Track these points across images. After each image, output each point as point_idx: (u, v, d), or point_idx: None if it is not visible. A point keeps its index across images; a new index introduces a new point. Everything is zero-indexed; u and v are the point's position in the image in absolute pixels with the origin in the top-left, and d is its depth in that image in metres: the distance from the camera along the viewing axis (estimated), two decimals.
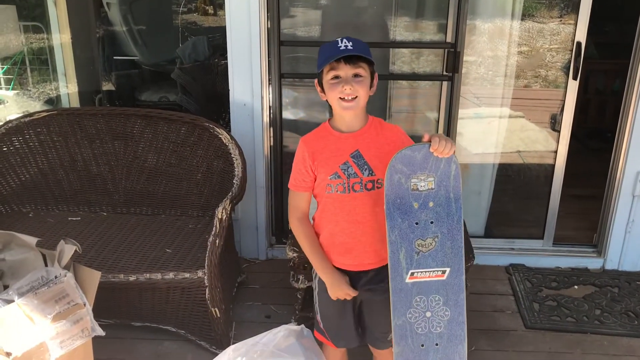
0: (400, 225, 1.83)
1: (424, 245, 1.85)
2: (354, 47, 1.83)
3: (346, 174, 1.92)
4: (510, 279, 3.27)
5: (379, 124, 1.98)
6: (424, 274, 1.86)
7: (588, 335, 2.85)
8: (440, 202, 1.83)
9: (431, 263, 1.85)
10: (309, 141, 1.98)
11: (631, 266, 3.32)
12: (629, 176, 3.15)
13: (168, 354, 2.69)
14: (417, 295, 1.87)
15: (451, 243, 1.85)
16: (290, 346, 2.12)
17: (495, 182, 3.48)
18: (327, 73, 1.87)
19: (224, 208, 2.59)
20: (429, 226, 1.84)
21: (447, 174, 1.81)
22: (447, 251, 1.85)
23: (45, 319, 1.83)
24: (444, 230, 1.84)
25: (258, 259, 3.45)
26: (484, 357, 2.71)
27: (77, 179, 3.13)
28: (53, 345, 1.84)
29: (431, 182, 1.82)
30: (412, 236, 1.84)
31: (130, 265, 2.61)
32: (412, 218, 1.83)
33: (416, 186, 1.82)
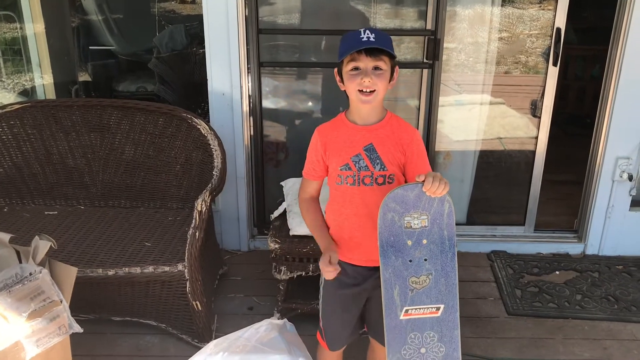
0: (394, 263, 1.83)
1: (418, 282, 1.85)
2: (377, 39, 1.79)
3: (357, 166, 1.89)
4: (492, 266, 3.28)
5: (396, 122, 1.93)
6: (418, 310, 1.86)
7: (569, 320, 2.87)
8: (434, 240, 1.82)
9: (425, 300, 1.85)
10: (323, 130, 1.96)
11: (611, 251, 3.35)
12: (608, 161, 3.17)
13: (149, 348, 2.66)
14: (412, 332, 1.87)
15: (445, 280, 1.84)
16: (272, 340, 2.09)
17: (477, 169, 3.48)
18: (347, 64, 1.83)
19: (204, 200, 2.55)
20: (423, 263, 1.83)
21: (441, 212, 1.80)
22: (442, 288, 1.85)
23: (20, 317, 1.79)
24: (437, 267, 1.83)
25: (240, 250, 3.42)
26: (467, 344, 2.71)
27: (53, 172, 3.07)
28: (29, 344, 1.80)
29: (424, 220, 1.81)
30: (405, 274, 1.83)
31: (109, 260, 2.57)
32: (405, 255, 1.82)
33: (410, 224, 1.81)
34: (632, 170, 3.15)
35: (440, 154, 3.41)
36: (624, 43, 2.97)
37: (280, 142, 3.48)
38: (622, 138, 3.13)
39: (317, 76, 3.47)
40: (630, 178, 3.16)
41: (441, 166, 3.43)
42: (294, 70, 3.50)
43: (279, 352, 2.03)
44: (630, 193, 3.23)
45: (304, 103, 3.50)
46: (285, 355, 2.02)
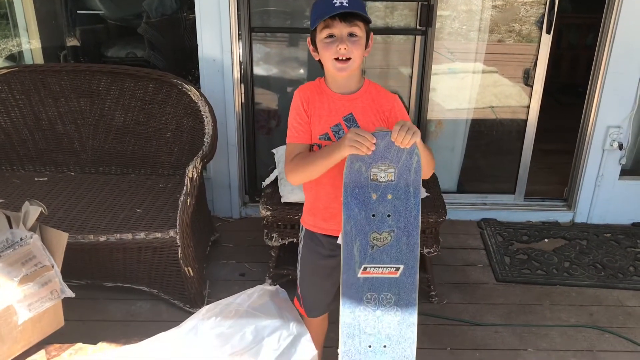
0: (357, 215, 1.77)
1: (379, 239, 1.79)
2: (350, 4, 1.72)
3: (336, 136, 1.84)
4: (482, 234, 3.31)
5: (375, 90, 1.89)
6: (377, 269, 1.81)
7: (557, 287, 2.91)
8: (399, 196, 1.76)
9: (385, 258, 1.79)
10: (304, 91, 1.89)
11: (600, 219, 3.38)
12: (599, 131, 3.18)
13: (141, 314, 2.68)
14: (368, 291, 1.82)
15: (407, 239, 1.79)
16: (264, 305, 2.11)
17: (468, 138, 3.49)
18: (321, 31, 1.77)
19: (195, 167, 2.54)
20: (386, 219, 1.77)
21: (409, 166, 1.74)
22: (402, 247, 1.79)
23: (12, 281, 1.79)
24: (400, 225, 1.77)
25: (232, 217, 3.42)
26: (457, 309, 2.76)
27: (42, 138, 3.04)
28: (21, 308, 1.81)
29: (391, 173, 1.75)
30: (367, 228, 1.77)
31: (100, 226, 2.57)
32: (369, 209, 1.76)
33: (376, 176, 1.75)
34: (622, 139, 3.17)
35: (432, 122, 3.40)
36: (617, 12, 2.95)
37: (271, 109, 3.46)
38: (613, 107, 3.14)
39: None
40: (621, 147, 3.17)
41: (433, 134, 3.43)
42: (285, 36, 3.45)
43: (270, 317, 2.06)
44: (620, 162, 3.25)
45: (296, 70, 3.47)
46: (276, 320, 2.05)
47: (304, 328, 2.05)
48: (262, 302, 2.13)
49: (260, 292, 2.17)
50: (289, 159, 1.86)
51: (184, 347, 1.92)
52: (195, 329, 1.98)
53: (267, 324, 2.01)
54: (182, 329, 2.00)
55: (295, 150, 1.86)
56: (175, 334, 1.98)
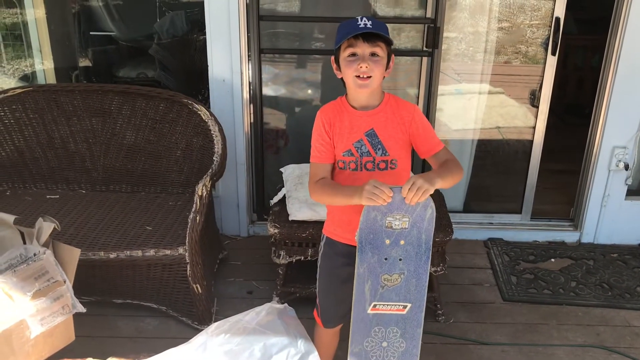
0: (369, 259, 1.86)
1: (390, 280, 1.88)
2: (373, 26, 1.82)
3: (359, 152, 1.92)
4: (489, 253, 3.32)
5: (394, 102, 1.95)
6: (386, 307, 1.90)
7: (563, 306, 2.92)
8: (412, 242, 1.85)
9: (394, 297, 1.88)
10: (326, 112, 1.96)
11: (606, 239, 3.39)
12: (605, 151, 3.20)
13: (150, 330, 2.70)
14: (376, 325, 1.92)
15: (416, 281, 1.88)
16: (272, 323, 2.13)
17: (475, 158, 3.51)
18: (345, 50, 1.85)
19: (204, 185, 2.58)
20: (397, 263, 1.86)
21: (422, 217, 1.83)
22: (411, 288, 1.88)
23: (25, 296, 1.82)
24: (410, 268, 1.86)
25: (239, 235, 3.45)
26: (463, 329, 2.76)
27: (54, 156, 3.09)
28: (33, 323, 1.84)
29: (406, 222, 1.83)
30: (379, 270, 1.86)
31: (111, 243, 2.60)
32: (382, 253, 1.85)
33: (391, 224, 1.83)
34: (628, 159, 3.19)
35: None
36: (622, 33, 2.99)
37: (280, 129, 3.50)
38: (619, 127, 3.16)
39: (317, 64, 3.49)
40: (627, 167, 3.19)
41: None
42: (294, 57, 3.51)
43: (278, 334, 2.07)
44: (626, 182, 3.26)
45: (304, 90, 3.52)
46: (284, 338, 2.06)
47: (312, 346, 2.07)
48: (270, 320, 2.15)
49: (269, 310, 2.19)
50: (313, 179, 1.96)
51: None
52: (204, 346, 1.99)
53: (275, 341, 2.03)
54: (191, 345, 2.02)
55: (319, 170, 1.95)
56: (184, 350, 2.00)
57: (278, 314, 2.17)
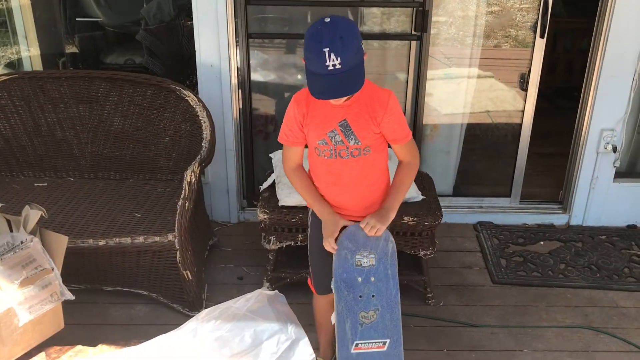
0: (346, 297, 2.03)
1: (367, 317, 2.04)
2: (343, 63, 1.73)
3: (333, 141, 1.95)
4: (478, 236, 3.33)
5: (369, 92, 1.93)
6: (367, 345, 2.05)
7: (552, 288, 2.94)
8: (380, 278, 2.04)
9: (373, 334, 2.04)
10: (300, 101, 1.96)
11: (594, 221, 3.41)
12: (593, 133, 3.21)
13: (141, 317, 2.70)
14: None
15: (390, 315, 2.05)
16: (263, 309, 2.13)
17: (464, 142, 3.51)
18: None
19: (193, 171, 2.57)
20: (371, 299, 2.04)
21: (386, 251, 2.04)
22: (387, 323, 2.05)
23: (12, 284, 1.82)
24: (383, 303, 2.04)
25: (230, 222, 3.45)
26: (453, 311, 2.78)
27: (41, 144, 3.07)
28: (21, 311, 1.84)
29: (372, 258, 2.04)
30: (356, 308, 2.03)
31: (99, 230, 2.59)
32: (356, 291, 2.03)
33: (360, 262, 2.03)
34: (616, 142, 3.20)
35: (427, 126, 3.43)
36: (610, 16, 2.99)
37: (269, 114, 3.49)
38: (607, 110, 3.17)
39: None
40: (615, 150, 3.20)
41: (428, 138, 3.45)
42: (283, 42, 3.49)
43: (269, 320, 2.07)
44: (614, 165, 3.28)
45: (293, 76, 3.50)
46: (274, 324, 2.06)
47: (302, 332, 2.07)
48: (260, 306, 2.15)
49: (259, 297, 2.19)
50: (287, 164, 2.08)
51: (183, 349, 1.94)
52: (195, 332, 2.00)
53: (265, 327, 2.03)
54: (181, 331, 2.02)
55: (290, 154, 2.06)
56: (174, 336, 2.00)
57: (268, 300, 2.17)
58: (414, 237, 2.70)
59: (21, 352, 1.89)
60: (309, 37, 1.78)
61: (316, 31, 1.76)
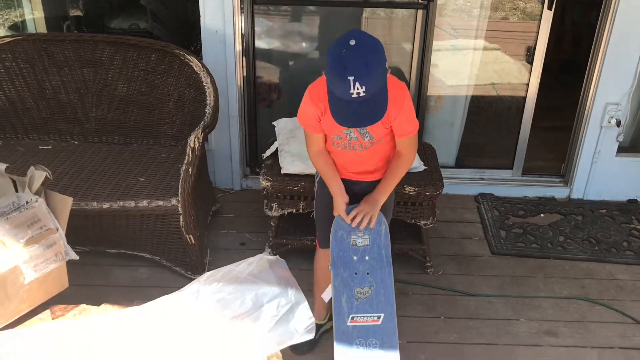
0: (342, 274, 2.15)
1: (362, 292, 2.15)
2: (367, 91, 1.73)
3: (348, 137, 2.02)
4: (479, 208, 3.35)
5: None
6: (363, 318, 2.15)
7: (551, 260, 2.97)
8: (375, 257, 2.16)
9: (368, 309, 2.15)
10: (316, 101, 1.95)
11: (596, 195, 3.42)
12: (597, 107, 3.21)
13: (144, 279, 2.74)
14: (357, 338, 2.14)
15: (384, 291, 2.15)
16: (264, 274, 2.16)
17: (468, 114, 3.51)
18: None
19: (197, 137, 2.58)
20: (366, 276, 2.15)
21: (379, 232, 2.17)
22: (381, 299, 2.15)
23: (18, 243, 1.84)
24: (377, 280, 2.15)
25: (233, 189, 3.47)
26: (451, 280, 2.82)
27: (46, 107, 3.08)
28: (27, 269, 1.87)
29: (367, 239, 2.17)
30: (352, 284, 2.14)
31: (103, 194, 2.62)
32: (352, 269, 2.15)
33: (355, 242, 2.17)
34: (620, 116, 3.19)
35: (432, 97, 3.42)
36: None
37: (273, 82, 3.48)
38: (612, 84, 3.15)
39: (311, 17, 3.44)
40: (618, 124, 3.20)
41: (432, 109, 3.45)
42: (288, 10, 3.46)
43: (269, 284, 2.11)
44: (618, 139, 3.28)
45: (298, 44, 3.48)
46: (275, 288, 2.09)
47: (302, 297, 2.11)
48: (262, 270, 2.18)
49: (261, 261, 2.21)
50: (310, 148, 2.13)
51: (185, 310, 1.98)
52: (197, 293, 2.03)
53: (266, 291, 2.06)
54: (183, 293, 2.05)
55: (313, 141, 2.10)
56: (177, 297, 2.03)
57: (270, 265, 2.20)
58: (414, 206, 2.72)
59: (27, 309, 1.92)
60: (333, 61, 1.76)
61: (340, 56, 1.73)
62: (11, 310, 1.87)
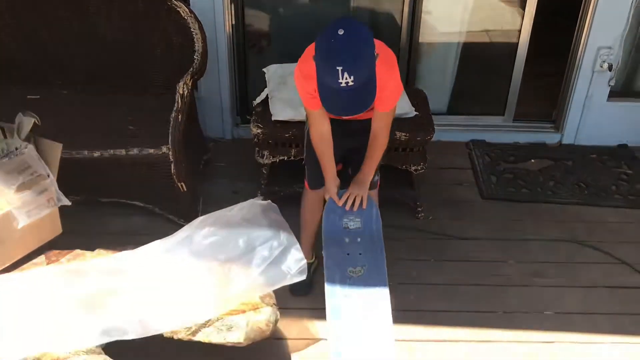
0: (334, 254, 2.15)
1: (355, 272, 2.13)
2: (356, 80, 1.77)
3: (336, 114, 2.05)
4: (470, 154, 3.36)
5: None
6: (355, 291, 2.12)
7: (541, 204, 3.01)
8: (366, 239, 2.18)
9: (361, 285, 2.11)
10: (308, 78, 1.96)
11: (586, 140, 3.43)
12: (590, 52, 3.19)
13: (137, 227, 2.76)
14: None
15: (377, 270, 2.13)
16: (256, 218, 2.19)
17: (460, 60, 3.48)
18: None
19: (185, 83, 2.57)
20: (358, 257, 2.15)
21: (370, 215, 2.21)
22: (374, 276, 2.12)
23: (9, 189, 1.85)
24: (370, 260, 2.14)
25: (224, 138, 3.46)
26: (442, 225, 2.86)
27: (32, 56, 3.02)
28: (20, 214, 1.89)
29: (358, 222, 2.21)
30: (344, 264, 2.13)
31: (93, 142, 2.60)
32: (344, 250, 2.16)
33: (347, 225, 2.20)
34: (612, 60, 3.18)
35: (423, 44, 3.38)
36: None
37: (262, 30, 3.42)
38: (605, 27, 3.13)
39: None
40: (610, 68, 3.19)
41: (424, 56, 3.42)
42: None
43: (261, 228, 2.14)
44: (609, 84, 3.27)
45: None
46: (267, 231, 2.13)
47: (294, 239, 2.15)
48: (254, 215, 2.21)
49: (252, 206, 2.24)
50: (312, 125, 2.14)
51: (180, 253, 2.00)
52: (190, 238, 2.06)
53: (259, 234, 2.10)
54: (176, 237, 2.08)
55: (314, 118, 2.12)
56: (169, 241, 2.06)
57: (262, 210, 2.23)
58: (405, 152, 2.73)
59: (21, 255, 1.95)
60: (321, 51, 1.81)
61: (329, 46, 1.78)
62: (5, 254, 1.89)
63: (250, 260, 1.98)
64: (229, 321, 1.89)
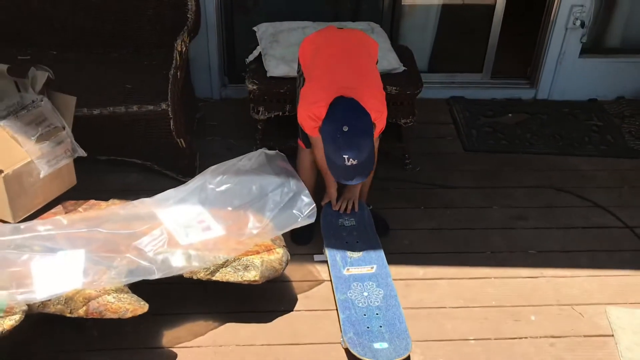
0: (334, 243, 2.47)
1: (354, 254, 2.44)
2: (359, 160, 2.09)
3: None
4: (451, 110, 3.51)
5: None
6: (357, 269, 2.37)
7: (519, 155, 3.19)
8: (361, 231, 2.53)
9: (361, 263, 2.40)
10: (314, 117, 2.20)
11: (560, 95, 3.62)
12: (563, 9, 3.34)
13: (137, 184, 2.82)
14: (354, 282, 2.33)
15: (375, 252, 2.45)
16: (266, 166, 2.30)
17: (440, 20, 3.58)
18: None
19: (183, 40, 2.61)
20: (356, 244, 2.48)
21: (363, 216, 2.59)
22: (373, 256, 2.43)
23: (30, 140, 1.90)
24: (367, 246, 2.47)
25: (212, 98, 3.51)
26: (429, 176, 3.01)
27: (19, 16, 3.00)
28: (40, 164, 1.94)
29: (352, 221, 2.57)
30: (343, 249, 2.45)
31: (92, 100, 2.63)
32: (343, 240, 2.50)
33: (342, 224, 2.56)
34: (584, 17, 3.34)
35: (405, 6, 3.48)
36: None
37: None
38: None
39: None
40: (583, 25, 3.35)
41: (407, 16, 3.51)
42: None
43: (270, 175, 2.25)
44: (581, 40, 3.44)
45: None
46: (277, 178, 2.24)
47: (303, 186, 2.26)
48: (263, 163, 2.31)
49: (261, 155, 2.34)
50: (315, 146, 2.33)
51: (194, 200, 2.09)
52: (203, 186, 2.15)
53: (269, 181, 2.21)
54: (189, 186, 2.17)
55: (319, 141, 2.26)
56: (183, 190, 2.15)
57: (270, 159, 2.33)
58: (395, 106, 2.84)
59: (40, 205, 2.01)
60: (328, 140, 2.12)
61: (335, 140, 2.09)
62: (27, 204, 1.95)
63: (263, 206, 2.09)
64: (245, 261, 2.01)
